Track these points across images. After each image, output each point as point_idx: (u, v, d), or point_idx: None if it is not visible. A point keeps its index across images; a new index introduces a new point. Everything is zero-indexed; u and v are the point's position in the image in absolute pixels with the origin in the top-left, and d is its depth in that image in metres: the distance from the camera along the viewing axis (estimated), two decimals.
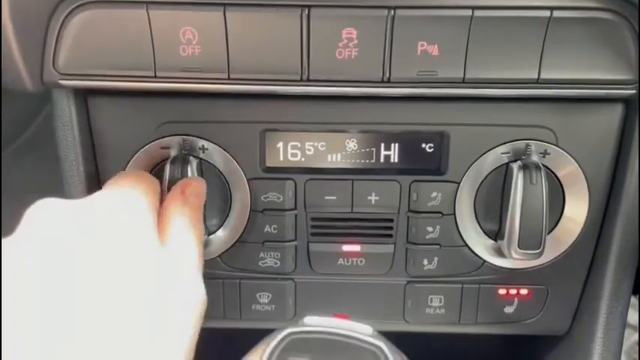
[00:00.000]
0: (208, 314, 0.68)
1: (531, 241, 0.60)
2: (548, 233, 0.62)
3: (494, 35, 0.53)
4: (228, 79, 0.55)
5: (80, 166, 0.62)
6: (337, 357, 0.35)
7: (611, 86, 0.55)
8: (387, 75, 0.55)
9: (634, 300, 1.26)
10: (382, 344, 0.36)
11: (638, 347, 1.16)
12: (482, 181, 0.63)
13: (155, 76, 0.55)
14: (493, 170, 0.62)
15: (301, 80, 0.55)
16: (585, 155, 0.61)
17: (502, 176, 0.62)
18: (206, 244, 0.64)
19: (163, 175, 0.60)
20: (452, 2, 0.53)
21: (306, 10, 0.53)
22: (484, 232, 0.64)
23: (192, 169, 0.60)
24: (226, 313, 0.68)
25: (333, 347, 0.36)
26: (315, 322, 0.37)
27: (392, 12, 0.53)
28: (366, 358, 0.35)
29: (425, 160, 0.63)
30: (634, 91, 0.55)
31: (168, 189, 0.60)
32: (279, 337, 0.36)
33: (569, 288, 0.67)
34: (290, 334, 0.36)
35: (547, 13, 0.53)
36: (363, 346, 0.36)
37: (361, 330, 0.37)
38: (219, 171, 0.63)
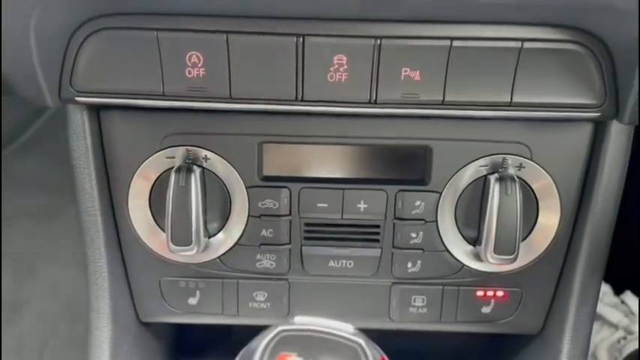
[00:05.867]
0: (208, 311, 0.74)
1: (506, 247, 0.65)
2: (523, 240, 0.68)
3: (470, 63, 0.59)
4: (230, 98, 0.61)
5: (92, 173, 0.67)
6: (322, 352, 0.40)
7: (577, 109, 0.61)
8: (374, 97, 0.60)
9: (616, 300, 1.31)
10: (362, 341, 0.42)
11: (618, 345, 1.22)
12: (462, 192, 0.68)
13: (163, 95, 0.61)
14: (472, 182, 0.68)
15: (296, 100, 0.60)
16: (558, 169, 0.67)
17: (481, 187, 0.68)
18: (207, 247, 0.69)
19: (168, 182, 0.65)
20: (432, 33, 0.58)
21: (301, 38, 0.58)
22: (464, 238, 0.70)
23: (195, 177, 0.65)
24: (225, 310, 0.73)
25: (318, 343, 0.41)
26: (304, 321, 0.43)
27: (378, 41, 0.58)
28: (347, 353, 0.41)
29: (410, 171, 0.68)
30: (598, 114, 0.61)
31: (173, 196, 0.65)
32: (272, 333, 0.41)
33: (542, 291, 0.72)
34: (281, 331, 0.42)
35: (518, 45, 0.58)
36: (344, 343, 0.41)
37: (343, 328, 0.43)
38: (220, 179, 0.68)
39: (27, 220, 1.42)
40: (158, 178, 0.68)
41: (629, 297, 1.28)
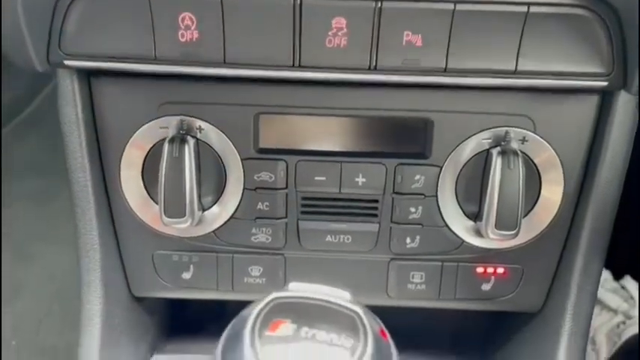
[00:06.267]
0: (202, 286, 0.73)
1: (508, 222, 0.64)
2: (525, 216, 0.66)
3: (474, 27, 0.57)
4: (224, 63, 0.59)
5: (82, 142, 0.65)
6: (318, 320, 0.39)
7: (584, 78, 0.59)
8: (374, 62, 0.58)
9: (616, 285, 1.30)
10: (359, 310, 0.40)
11: (617, 330, 1.21)
12: (463, 166, 0.66)
13: (155, 59, 0.59)
14: (474, 156, 0.66)
15: (293, 66, 0.58)
16: (562, 143, 0.65)
17: (482, 161, 0.66)
18: (201, 220, 0.68)
19: (162, 153, 0.64)
20: None
21: (299, 0, 0.56)
22: (464, 214, 0.68)
23: (189, 148, 0.64)
24: (219, 285, 0.72)
25: (314, 311, 0.39)
26: (299, 288, 0.41)
27: (379, 4, 0.56)
28: (344, 322, 0.39)
29: (410, 144, 0.66)
30: (606, 83, 0.59)
31: (166, 167, 0.63)
32: (265, 301, 0.40)
33: (543, 268, 0.71)
34: (275, 298, 0.40)
35: (524, 9, 0.56)
36: (341, 311, 0.40)
37: (340, 296, 0.41)
38: (214, 151, 0.66)
39: (25, 202, 1.41)
40: (151, 149, 0.66)
41: (629, 282, 1.27)
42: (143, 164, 0.67)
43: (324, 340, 0.37)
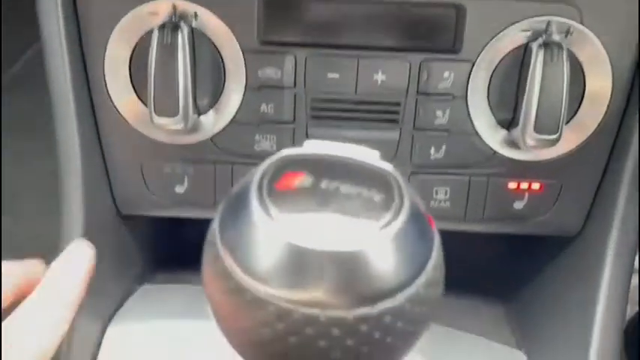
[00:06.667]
0: (198, 201, 0.65)
1: (549, 124, 0.55)
2: (565, 123, 0.58)
3: None
4: None
5: (62, 39, 0.57)
6: (340, 174, 0.30)
7: None
8: None
9: None
10: (391, 169, 0.32)
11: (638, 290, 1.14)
12: (498, 63, 0.58)
13: None
14: (510, 52, 0.57)
15: None
16: (610, 36, 0.56)
17: (519, 59, 0.57)
18: (196, 125, 0.59)
19: (151, 44, 0.55)
20: None
21: None
22: (496, 121, 0.60)
23: (183, 35, 0.55)
24: (217, 200, 0.63)
25: (336, 166, 0.31)
26: (316, 145, 0.33)
27: None
28: (374, 177, 0.31)
29: (438, 37, 0.57)
30: None
31: (156, 56, 0.55)
32: (275, 158, 0.31)
33: (584, 183, 0.63)
34: (287, 156, 0.32)
35: None
36: (370, 168, 0.31)
37: (368, 153, 0.33)
38: (212, 42, 0.58)
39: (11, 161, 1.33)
40: (140, 41, 0.57)
41: None
42: (131, 59, 0.58)
43: (350, 192, 0.29)
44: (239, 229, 0.29)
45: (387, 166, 0.32)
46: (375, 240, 0.28)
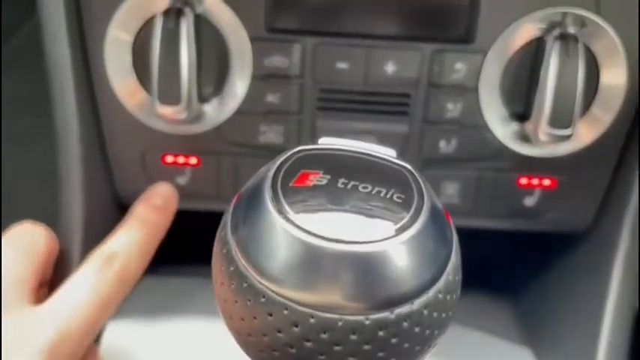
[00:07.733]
0: (200, 194, 0.63)
1: (562, 119, 0.54)
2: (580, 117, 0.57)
3: None
4: None
5: (62, 24, 0.55)
6: (357, 173, 0.29)
7: None
8: None
9: None
10: (410, 166, 0.30)
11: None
12: (511, 55, 0.56)
13: None
14: (524, 44, 0.56)
15: None
16: (627, 28, 0.55)
17: (533, 52, 0.56)
18: (200, 114, 0.58)
19: (153, 27, 0.53)
20: None
21: None
22: (508, 115, 0.58)
23: (187, 22, 0.53)
24: (220, 193, 0.62)
25: (352, 163, 0.30)
26: (332, 142, 0.31)
27: None
28: (391, 177, 0.29)
29: (451, 26, 0.56)
30: None
31: (160, 42, 0.53)
32: (289, 154, 0.30)
33: (596, 179, 0.61)
34: (301, 151, 0.30)
35: None
36: (387, 165, 0.30)
37: (385, 151, 0.31)
38: (217, 29, 0.56)
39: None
40: (143, 26, 0.55)
41: None
42: (133, 45, 0.56)
43: (367, 192, 0.28)
44: (253, 228, 0.27)
45: (406, 165, 0.30)
46: (393, 241, 0.26)
